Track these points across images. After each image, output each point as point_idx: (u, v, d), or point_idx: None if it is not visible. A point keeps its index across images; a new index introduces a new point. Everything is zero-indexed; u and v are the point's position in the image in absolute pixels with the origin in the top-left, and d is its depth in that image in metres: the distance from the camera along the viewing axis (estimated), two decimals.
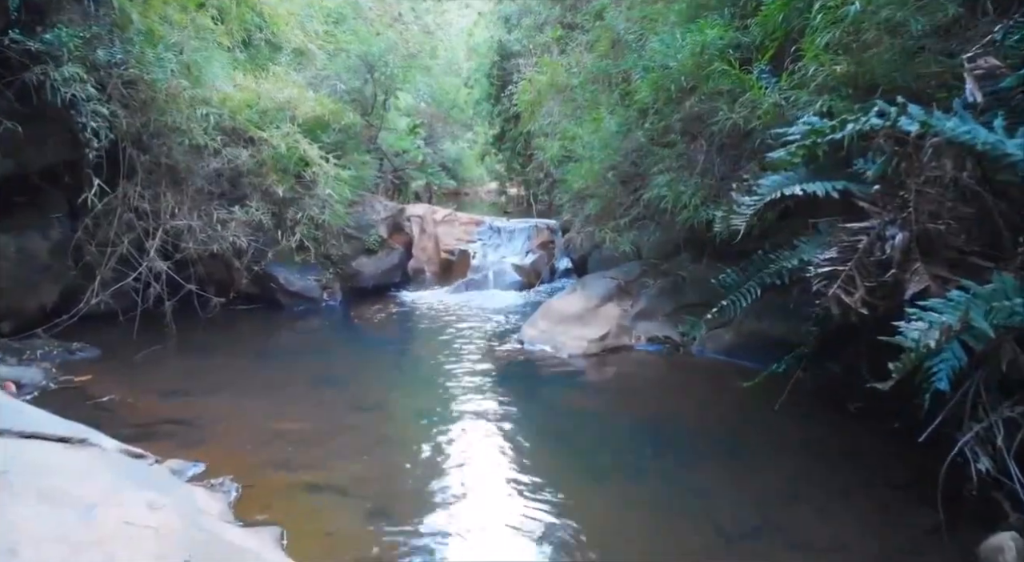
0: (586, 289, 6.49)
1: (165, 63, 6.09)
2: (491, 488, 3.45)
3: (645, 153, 6.69)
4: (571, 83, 8.15)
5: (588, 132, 6.79)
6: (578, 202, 7.96)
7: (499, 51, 14.26)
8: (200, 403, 4.72)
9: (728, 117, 4.54)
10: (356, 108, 8.66)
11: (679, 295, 6.22)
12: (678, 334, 5.99)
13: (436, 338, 6.59)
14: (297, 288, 7.71)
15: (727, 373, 5.24)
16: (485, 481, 3.53)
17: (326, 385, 5.11)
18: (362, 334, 6.92)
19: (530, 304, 8.08)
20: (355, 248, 8.29)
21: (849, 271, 3.33)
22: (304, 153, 6.65)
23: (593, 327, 5.91)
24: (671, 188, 5.88)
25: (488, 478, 3.56)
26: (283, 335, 6.88)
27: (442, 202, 17.27)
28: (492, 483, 3.51)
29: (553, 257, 9.86)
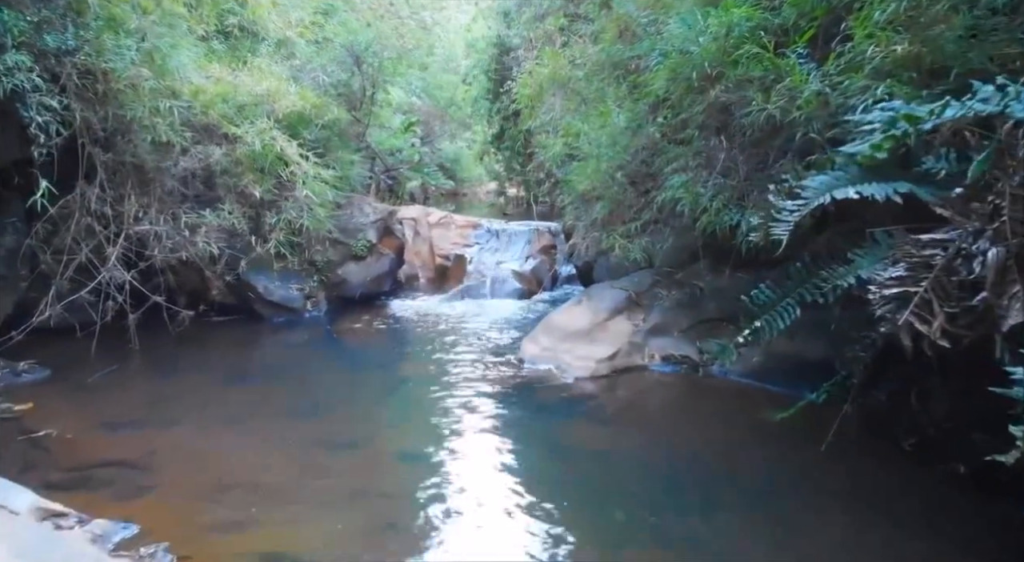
0: (592, 301, 5.87)
1: (124, 51, 5.46)
2: (483, 557, 2.83)
3: (658, 151, 6.06)
4: (575, 76, 7.53)
5: (594, 128, 6.17)
6: (583, 204, 7.34)
7: (498, 46, 13.73)
8: (152, 438, 4.11)
9: (762, 108, 3.91)
10: (343, 103, 8.03)
11: (697, 309, 5.59)
12: (697, 352, 5.37)
13: (426, 356, 5.96)
14: (277, 298, 7.08)
15: (755, 400, 4.62)
16: (476, 548, 2.91)
17: (300, 416, 4.49)
18: (345, 351, 6.30)
19: (531, 315, 7.46)
20: (341, 254, 7.67)
21: (924, 293, 2.71)
22: (281, 151, 6.02)
23: (601, 345, 5.29)
24: (688, 190, 5.26)
25: (479, 544, 2.94)
26: (259, 352, 6.25)
27: (440, 203, 16.67)
28: (484, 550, 2.88)
29: (555, 263, 9.23)
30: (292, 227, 6.27)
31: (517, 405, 4.59)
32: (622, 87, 6.72)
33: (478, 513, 3.21)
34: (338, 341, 6.57)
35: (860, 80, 3.33)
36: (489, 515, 3.19)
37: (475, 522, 3.13)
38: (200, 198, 6.57)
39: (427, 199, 17.63)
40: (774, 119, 3.91)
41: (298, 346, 6.37)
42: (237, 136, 6.26)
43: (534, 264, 9.01)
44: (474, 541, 2.97)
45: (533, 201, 11.01)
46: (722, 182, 5.09)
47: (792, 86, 3.75)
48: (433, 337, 6.52)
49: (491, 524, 3.11)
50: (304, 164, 6.13)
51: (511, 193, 17.83)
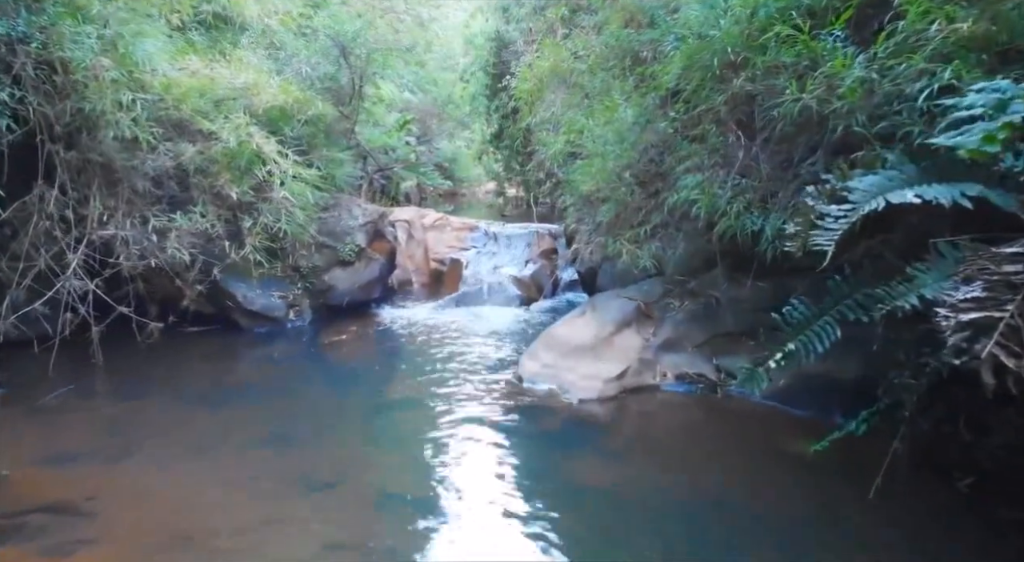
0: (598, 312, 5.38)
1: (84, 39, 4.97)
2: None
3: (668, 148, 5.59)
4: (577, 69, 7.04)
5: (599, 124, 5.68)
6: (586, 206, 6.85)
7: (496, 42, 13.27)
8: (102, 475, 3.63)
9: (796, 98, 3.41)
10: (330, 98, 7.53)
11: (713, 322, 5.11)
12: (714, 370, 4.88)
13: (416, 372, 5.47)
14: (258, 307, 6.59)
15: (781, 426, 4.14)
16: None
17: (273, 446, 4.00)
18: (329, 366, 5.80)
19: (530, 325, 6.96)
20: (328, 259, 7.17)
21: (1011, 320, 2.23)
22: (258, 148, 5.52)
23: (608, 362, 4.80)
24: (704, 191, 4.77)
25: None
26: (234, 367, 5.75)
27: (437, 203, 16.18)
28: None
29: (556, 267, 8.74)
30: (269, 232, 5.76)
31: (515, 434, 4.09)
32: (629, 80, 6.24)
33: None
34: (321, 355, 6.08)
35: (918, 63, 2.83)
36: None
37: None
38: (175, 200, 6.08)
39: (424, 199, 17.14)
40: (809, 110, 3.41)
41: (278, 361, 5.87)
42: (211, 132, 5.76)
43: (534, 269, 8.52)
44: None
45: (533, 202, 10.53)
46: (742, 183, 4.60)
47: (831, 73, 3.25)
48: (424, 350, 6.03)
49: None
50: (283, 163, 5.63)
51: (510, 193, 17.35)
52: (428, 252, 9.37)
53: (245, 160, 5.56)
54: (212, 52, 6.67)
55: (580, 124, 6.08)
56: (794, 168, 4.41)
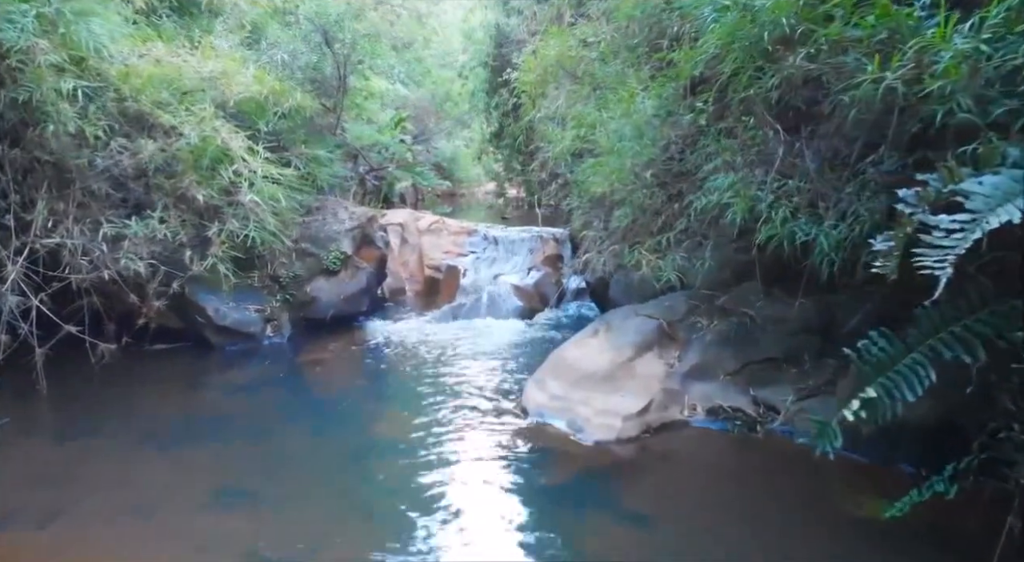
0: (613, 332, 4.68)
1: (17, 17, 4.28)
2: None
3: (692, 144, 4.90)
4: (586, 57, 6.35)
5: (614, 116, 4.99)
6: (596, 209, 6.16)
7: (497, 36, 12.64)
8: (21, 543, 2.93)
9: (877, 78, 2.70)
10: (314, 90, 6.84)
11: (747, 345, 4.41)
12: (751, 403, 4.18)
13: (405, 402, 4.78)
14: (230, 322, 5.89)
15: (838, 475, 3.44)
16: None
17: (231, 504, 3.31)
18: (306, 393, 5.10)
19: (534, 341, 6.27)
20: (310, 268, 6.48)
21: None
22: (223, 144, 4.82)
23: (628, 394, 4.10)
24: (740, 193, 4.08)
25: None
26: (199, 395, 5.05)
27: (435, 205, 15.50)
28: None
29: (561, 275, 8.04)
30: (235, 240, 5.05)
31: (519, 490, 3.38)
32: (645, 69, 5.54)
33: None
34: (299, 379, 5.37)
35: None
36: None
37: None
38: (141, 204, 5.39)
39: (422, 200, 16.46)
40: (895, 95, 2.71)
41: (249, 387, 5.16)
42: (173, 127, 5.06)
43: (537, 277, 7.82)
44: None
45: (536, 204, 9.82)
46: (787, 184, 3.91)
47: (925, 46, 2.55)
48: (415, 373, 5.33)
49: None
50: (252, 161, 4.92)
51: (511, 194, 16.68)
52: (423, 258, 8.68)
53: (208, 158, 4.86)
54: (180, 38, 5.97)
55: (591, 117, 5.38)
56: (851, 166, 3.72)
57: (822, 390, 4.09)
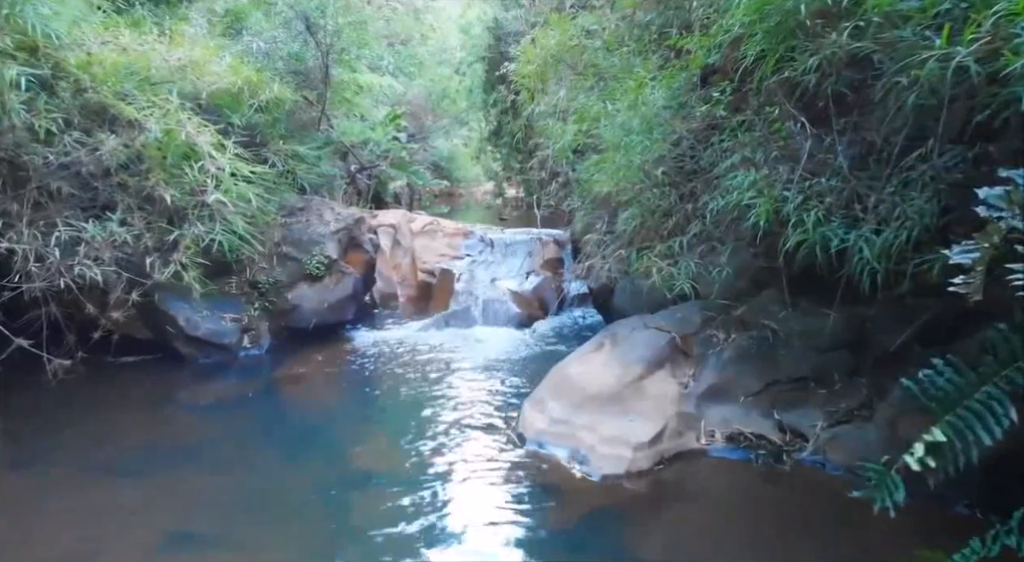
0: (620, 347, 4.23)
1: None
2: None
3: (706, 137, 4.45)
4: (589, 46, 5.90)
5: (623, 107, 4.53)
6: (600, 210, 5.72)
7: (494, 30, 12.25)
8: None
9: (944, 54, 2.25)
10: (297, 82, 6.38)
11: (770, 362, 3.96)
12: (775, 428, 3.73)
13: (390, 424, 4.33)
14: (203, 332, 5.43)
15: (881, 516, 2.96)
16: None
17: (180, 550, 2.86)
18: (284, 413, 4.64)
19: (533, 353, 5.82)
20: (292, 273, 6.02)
21: None
22: (188, 138, 4.36)
23: (639, 419, 3.64)
24: (763, 193, 3.63)
25: None
26: (163, 415, 4.57)
27: (432, 205, 15.02)
28: None
29: (562, 280, 7.59)
30: (199, 244, 4.58)
31: (511, 536, 2.92)
32: (653, 58, 5.10)
33: None
34: (276, 397, 4.91)
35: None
36: None
37: None
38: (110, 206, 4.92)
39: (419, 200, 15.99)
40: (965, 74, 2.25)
41: (220, 405, 4.70)
42: (136, 121, 4.61)
43: (536, 282, 7.37)
44: None
45: (535, 204, 9.38)
46: (820, 183, 3.45)
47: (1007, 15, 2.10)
48: (402, 390, 4.87)
49: None
50: (220, 157, 4.45)
51: (510, 194, 16.25)
52: (416, 261, 8.21)
53: (171, 154, 4.40)
54: (151, 26, 5.52)
55: (595, 110, 4.93)
56: (893, 162, 3.26)
57: (856, 415, 3.63)
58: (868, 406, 3.67)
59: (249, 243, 4.80)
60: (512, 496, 3.24)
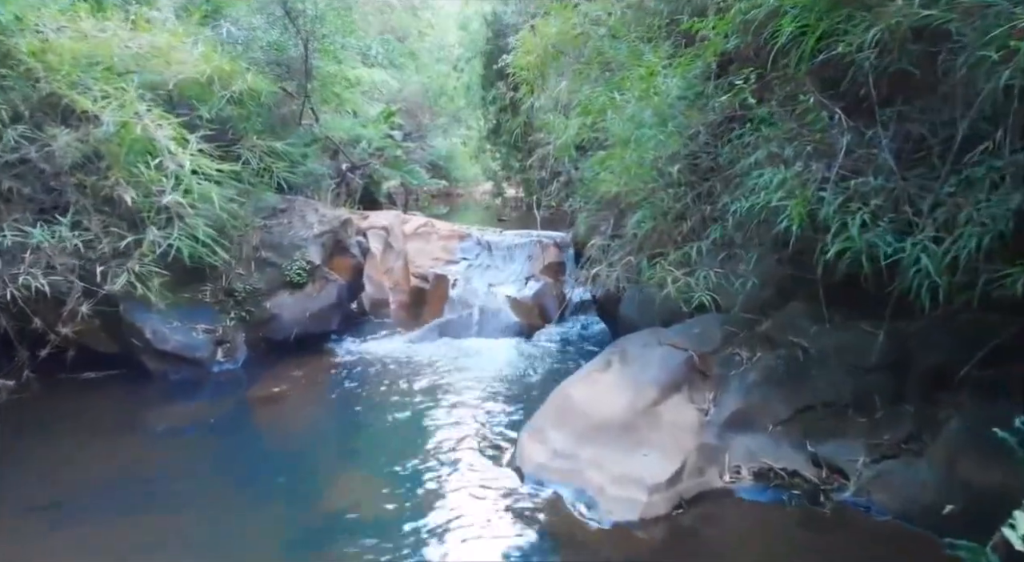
0: (630, 365, 3.76)
1: None
2: None
3: (726, 131, 3.98)
4: (594, 33, 5.43)
5: (633, 97, 4.06)
6: (605, 212, 5.26)
7: (493, 25, 11.83)
8: None
9: None
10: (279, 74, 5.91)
11: (801, 385, 3.49)
12: (809, 463, 3.25)
13: (372, 455, 3.87)
14: (173, 345, 4.97)
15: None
16: None
17: None
18: (254, 439, 4.18)
19: (533, 367, 5.35)
20: (271, 280, 5.56)
21: None
22: (145, 132, 3.90)
23: (654, 453, 3.17)
24: (797, 194, 3.16)
25: None
26: (120, 443, 4.07)
27: (430, 205, 14.56)
28: None
29: (563, 286, 7.12)
30: (155, 250, 4.11)
31: None
32: (665, 45, 4.62)
33: None
34: (248, 420, 4.45)
35: None
36: None
37: None
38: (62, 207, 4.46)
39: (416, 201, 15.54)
40: None
41: (185, 430, 4.23)
42: (91, 113, 4.14)
43: (536, 288, 6.90)
44: None
45: (535, 205, 8.91)
46: (863, 182, 2.99)
47: None
48: (386, 412, 4.41)
49: None
50: (180, 154, 3.98)
51: (509, 194, 15.81)
52: (408, 266, 7.74)
53: (127, 150, 3.93)
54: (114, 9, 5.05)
55: (601, 101, 4.46)
56: (952, 157, 2.80)
57: (904, 448, 3.16)
58: (916, 438, 3.20)
59: (212, 250, 4.31)
60: (508, 548, 2.77)
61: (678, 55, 4.37)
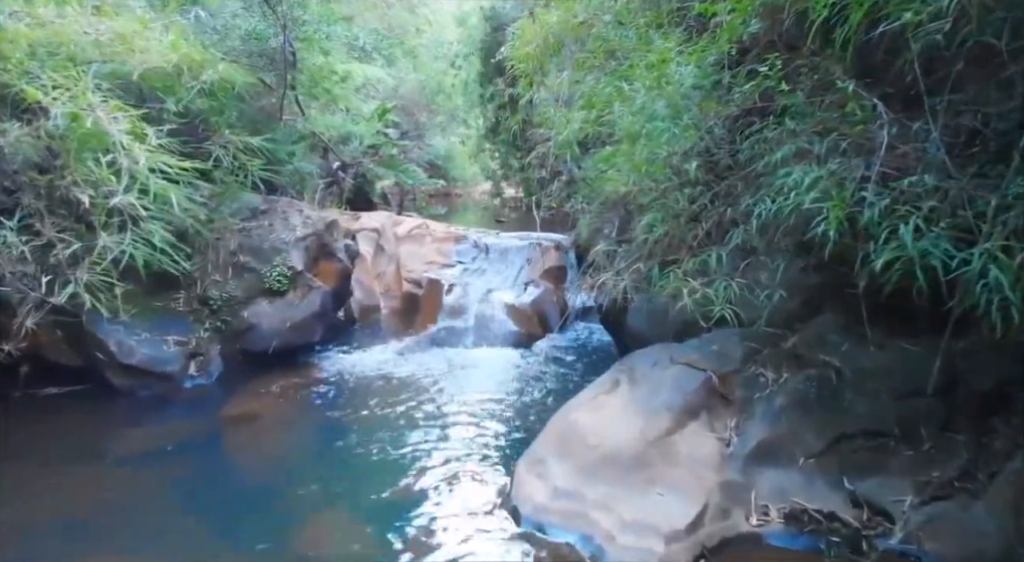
0: (640, 387, 3.35)
1: None
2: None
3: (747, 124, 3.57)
4: (599, 20, 5.02)
5: (643, 87, 3.65)
6: (610, 213, 4.85)
7: (492, 21, 11.50)
8: None
9: None
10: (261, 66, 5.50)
11: (836, 411, 3.08)
12: (847, 502, 2.84)
13: (346, 490, 3.44)
14: (140, 359, 4.56)
15: None
16: None
17: None
18: (224, 467, 3.77)
19: (532, 383, 4.94)
20: (250, 287, 5.15)
21: None
22: (97, 125, 3.49)
23: (672, 493, 2.76)
24: (834, 195, 2.77)
25: None
26: (75, 472, 3.65)
27: (428, 206, 14.15)
28: None
29: (564, 291, 6.72)
30: (104, 258, 3.68)
31: None
32: (676, 32, 4.21)
33: None
34: (218, 444, 4.04)
35: None
36: None
37: None
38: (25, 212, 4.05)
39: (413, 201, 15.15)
40: None
41: (148, 456, 3.81)
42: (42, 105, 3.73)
43: (536, 294, 6.49)
44: None
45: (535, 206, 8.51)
46: (922, 182, 2.58)
47: None
48: (370, 434, 4.00)
49: None
50: (134, 148, 3.57)
51: (508, 194, 15.42)
52: (401, 270, 7.34)
53: (78, 145, 3.52)
54: None
55: (607, 93, 4.05)
56: (1021, 153, 2.39)
57: (957, 487, 2.75)
58: (970, 476, 2.79)
59: (173, 258, 3.88)
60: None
61: (691, 42, 3.97)
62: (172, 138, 3.93)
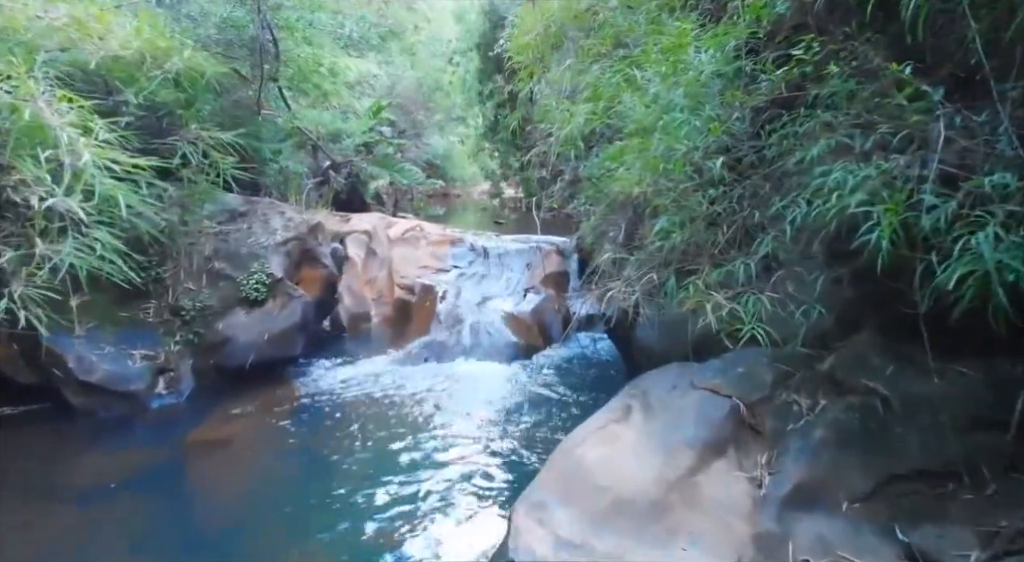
0: (656, 417, 2.95)
1: None
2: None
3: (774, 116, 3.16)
4: (604, 5, 4.61)
5: (657, 77, 3.24)
6: (616, 215, 4.44)
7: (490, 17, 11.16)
8: None
9: None
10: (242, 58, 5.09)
11: (884, 446, 2.66)
12: (901, 555, 2.42)
13: (323, 532, 3.02)
14: (101, 376, 4.15)
15: None
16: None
17: None
18: (186, 504, 3.35)
19: (533, 403, 4.52)
20: (225, 296, 4.74)
21: None
22: (36, 117, 3.07)
23: (696, 549, 2.35)
24: (885, 197, 2.36)
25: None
26: (24, 511, 3.24)
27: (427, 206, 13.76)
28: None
29: (566, 298, 6.31)
30: (40, 268, 3.25)
31: None
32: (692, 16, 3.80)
33: None
34: (186, 473, 3.63)
35: None
36: None
37: None
38: None
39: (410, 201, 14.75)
40: None
41: (109, 490, 3.39)
42: None
43: (536, 302, 6.08)
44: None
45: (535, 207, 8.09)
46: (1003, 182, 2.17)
47: None
48: (351, 464, 3.59)
49: None
50: (78, 145, 3.15)
51: (508, 195, 15.04)
52: (393, 275, 6.92)
53: (14, 139, 3.10)
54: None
55: (616, 82, 3.63)
56: None
57: None
58: None
59: (119, 268, 3.44)
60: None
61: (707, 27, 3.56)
62: (130, 132, 3.51)
